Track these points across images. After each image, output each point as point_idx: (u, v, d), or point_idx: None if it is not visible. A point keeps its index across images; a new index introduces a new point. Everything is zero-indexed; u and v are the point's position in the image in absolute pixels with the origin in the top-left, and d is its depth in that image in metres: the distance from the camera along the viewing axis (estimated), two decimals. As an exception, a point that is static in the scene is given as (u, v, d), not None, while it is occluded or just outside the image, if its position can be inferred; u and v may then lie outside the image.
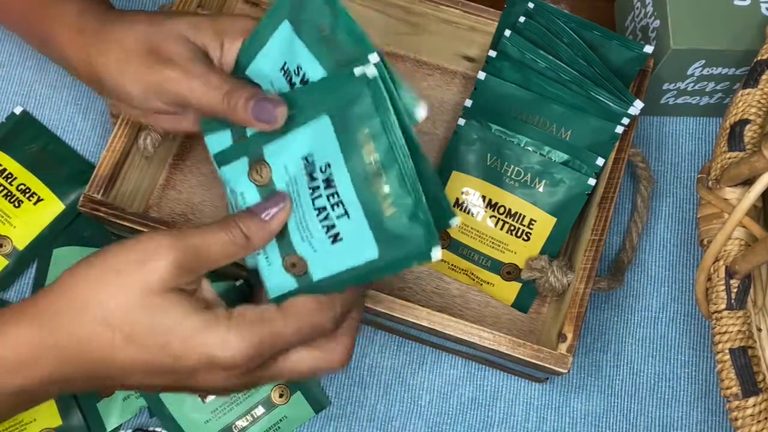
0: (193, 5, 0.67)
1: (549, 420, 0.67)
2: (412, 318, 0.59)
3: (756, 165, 0.53)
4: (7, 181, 0.69)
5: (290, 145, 0.49)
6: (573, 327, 0.60)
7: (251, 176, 0.51)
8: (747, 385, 0.53)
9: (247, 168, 0.52)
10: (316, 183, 0.48)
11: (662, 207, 0.72)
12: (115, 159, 0.63)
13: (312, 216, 0.48)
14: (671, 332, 0.69)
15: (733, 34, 0.66)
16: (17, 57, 0.73)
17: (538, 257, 0.64)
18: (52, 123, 0.72)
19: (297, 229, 0.49)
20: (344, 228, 0.47)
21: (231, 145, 0.53)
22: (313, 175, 0.48)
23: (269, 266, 0.51)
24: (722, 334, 0.54)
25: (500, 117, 0.65)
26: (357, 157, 0.46)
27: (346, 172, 0.46)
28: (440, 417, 0.67)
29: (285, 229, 0.50)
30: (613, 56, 0.66)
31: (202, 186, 0.70)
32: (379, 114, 0.45)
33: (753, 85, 0.59)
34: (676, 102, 0.72)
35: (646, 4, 0.70)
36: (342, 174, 0.46)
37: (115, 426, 0.64)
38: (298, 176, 0.49)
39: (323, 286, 0.48)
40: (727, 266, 0.55)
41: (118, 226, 0.62)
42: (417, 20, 0.71)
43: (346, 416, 0.66)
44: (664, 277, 0.70)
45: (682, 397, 0.68)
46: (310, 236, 0.48)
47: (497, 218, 0.65)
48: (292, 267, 0.49)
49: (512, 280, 0.66)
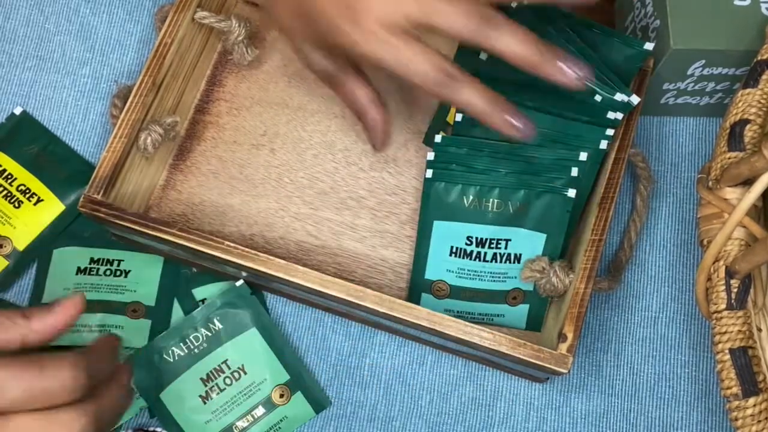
0: (193, 5, 0.68)
1: (549, 420, 0.67)
2: (412, 318, 0.60)
3: (756, 165, 0.53)
4: (7, 182, 0.69)
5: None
6: (573, 327, 0.60)
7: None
8: (747, 386, 0.53)
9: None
10: None
11: (662, 207, 0.72)
12: (115, 159, 0.63)
13: None
14: (671, 332, 0.69)
15: (733, 34, 0.66)
16: (17, 57, 0.74)
17: (537, 258, 0.64)
18: (52, 123, 0.72)
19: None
20: None
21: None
22: None
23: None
24: (722, 334, 0.54)
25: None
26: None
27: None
28: (440, 417, 0.67)
29: None
30: (613, 55, 0.66)
31: (202, 186, 0.70)
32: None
33: (753, 85, 0.59)
34: (676, 102, 0.72)
35: (646, 4, 0.70)
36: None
37: (116, 426, 0.64)
38: None
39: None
40: (727, 266, 0.55)
41: (119, 226, 0.62)
42: (417, 20, 0.71)
43: (346, 416, 0.66)
44: (664, 277, 0.70)
45: (682, 397, 0.68)
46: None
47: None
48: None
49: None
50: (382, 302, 0.60)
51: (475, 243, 0.64)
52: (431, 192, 0.64)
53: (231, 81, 0.73)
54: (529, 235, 0.64)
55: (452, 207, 0.64)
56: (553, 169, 0.64)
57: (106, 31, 0.75)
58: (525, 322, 0.67)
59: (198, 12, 0.68)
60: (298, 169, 0.70)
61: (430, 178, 0.64)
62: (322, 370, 0.67)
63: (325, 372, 0.67)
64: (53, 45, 0.74)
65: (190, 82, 0.70)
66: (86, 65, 0.74)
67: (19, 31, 0.74)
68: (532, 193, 0.63)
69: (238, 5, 0.75)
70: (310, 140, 0.71)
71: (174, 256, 0.67)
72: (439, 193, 0.64)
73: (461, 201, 0.64)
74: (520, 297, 0.66)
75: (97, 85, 0.73)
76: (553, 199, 0.63)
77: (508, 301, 0.66)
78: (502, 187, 0.63)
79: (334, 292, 0.60)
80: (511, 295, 0.66)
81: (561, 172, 0.63)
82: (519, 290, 0.66)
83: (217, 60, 0.73)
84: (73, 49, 0.74)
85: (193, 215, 0.69)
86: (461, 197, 0.64)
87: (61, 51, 0.74)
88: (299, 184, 0.70)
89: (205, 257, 0.62)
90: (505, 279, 0.65)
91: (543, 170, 0.64)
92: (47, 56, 0.74)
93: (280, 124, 0.72)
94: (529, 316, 0.67)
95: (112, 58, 0.74)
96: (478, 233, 0.64)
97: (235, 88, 0.72)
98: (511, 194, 0.63)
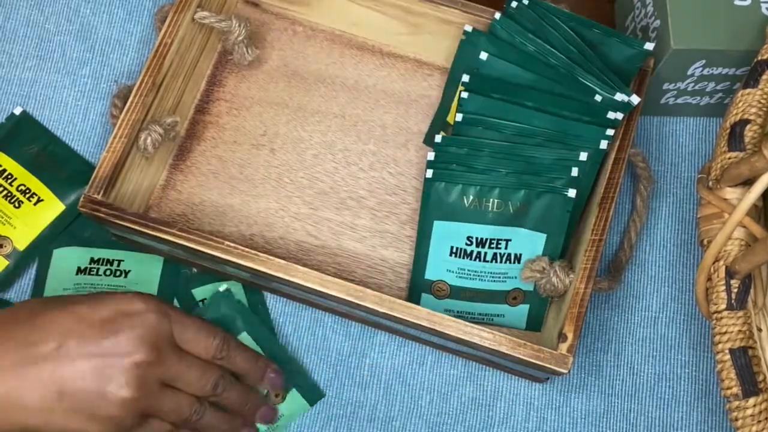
0: (193, 5, 0.68)
1: (549, 420, 0.67)
2: (412, 318, 0.60)
3: (756, 165, 0.53)
4: (7, 182, 0.69)
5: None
6: (573, 327, 0.60)
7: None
8: (747, 386, 0.53)
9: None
10: None
11: (662, 207, 0.72)
12: (115, 159, 0.63)
13: None
14: (671, 332, 0.69)
15: (733, 34, 0.66)
16: (17, 57, 0.74)
17: (538, 258, 0.64)
18: (52, 123, 0.72)
19: None
20: None
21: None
22: None
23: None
24: (722, 334, 0.54)
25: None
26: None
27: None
28: (440, 417, 0.67)
29: None
30: (613, 54, 0.66)
31: (202, 186, 0.70)
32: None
33: (753, 85, 0.59)
34: (676, 102, 0.72)
35: (646, 4, 0.70)
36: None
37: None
38: None
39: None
40: (727, 266, 0.55)
41: (119, 226, 0.62)
42: (417, 20, 0.71)
43: (346, 416, 0.66)
44: (664, 277, 0.70)
45: (682, 397, 0.68)
46: None
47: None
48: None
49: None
50: (382, 302, 0.60)
51: (475, 243, 0.64)
52: (431, 192, 0.64)
53: (231, 81, 0.73)
54: (529, 235, 0.64)
55: (452, 207, 0.64)
56: (553, 169, 0.64)
57: (106, 31, 0.75)
58: (525, 322, 0.67)
59: (198, 12, 0.68)
60: (298, 169, 0.70)
61: (430, 178, 0.64)
62: (322, 370, 0.67)
63: (325, 372, 0.67)
64: (53, 45, 0.74)
65: (190, 82, 0.70)
66: (86, 65, 0.74)
67: (19, 31, 0.74)
68: (532, 193, 0.63)
69: (238, 5, 0.75)
70: (310, 140, 0.71)
71: (174, 256, 0.67)
72: (439, 193, 0.64)
73: (461, 201, 0.64)
74: (520, 297, 0.66)
75: (97, 85, 0.73)
76: (553, 199, 0.63)
77: (508, 301, 0.66)
78: (503, 187, 0.63)
79: (334, 292, 0.60)
80: (511, 295, 0.66)
81: (561, 172, 0.63)
82: (519, 290, 0.66)
83: (217, 60, 0.73)
84: (73, 49, 0.74)
85: (193, 215, 0.69)
86: (461, 197, 0.64)
87: (61, 51, 0.74)
88: (299, 184, 0.70)
89: (205, 257, 0.62)
90: (505, 279, 0.65)
91: (543, 170, 0.64)
92: (47, 56, 0.74)
93: (280, 124, 0.72)
94: (529, 316, 0.67)
95: (112, 58, 0.74)
96: (478, 233, 0.64)
97: (235, 88, 0.72)
98: (511, 194, 0.63)
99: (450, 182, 0.64)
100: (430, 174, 0.64)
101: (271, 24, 0.74)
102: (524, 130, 0.64)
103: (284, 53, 0.74)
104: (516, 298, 0.66)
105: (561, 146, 0.64)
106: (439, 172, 0.64)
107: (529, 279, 0.64)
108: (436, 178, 0.64)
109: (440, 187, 0.64)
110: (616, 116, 0.64)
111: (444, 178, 0.64)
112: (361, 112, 0.72)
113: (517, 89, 0.65)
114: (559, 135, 0.64)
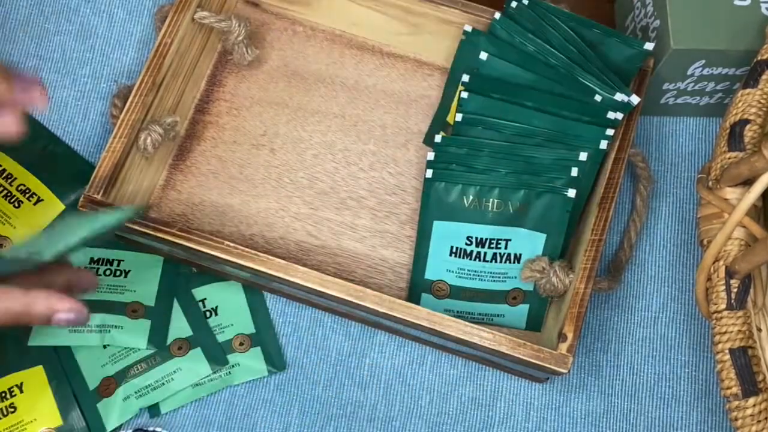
0: (193, 5, 0.68)
1: (549, 420, 0.67)
2: (412, 318, 0.60)
3: (756, 165, 0.53)
4: (7, 182, 0.69)
5: None
6: (573, 327, 0.60)
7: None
8: (747, 385, 0.53)
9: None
10: None
11: (662, 207, 0.72)
12: (115, 159, 0.63)
13: None
14: (671, 332, 0.69)
15: (733, 34, 0.66)
16: (17, 57, 0.74)
17: (538, 258, 0.64)
18: (52, 123, 0.72)
19: None
20: None
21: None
22: None
23: None
24: (722, 334, 0.54)
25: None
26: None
27: None
28: (440, 417, 0.67)
29: None
30: (613, 54, 0.66)
31: (202, 186, 0.70)
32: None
33: (753, 85, 0.59)
34: (676, 102, 0.72)
35: (646, 4, 0.70)
36: None
37: (115, 426, 0.64)
38: None
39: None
40: (727, 266, 0.55)
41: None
42: (417, 20, 0.71)
43: (346, 416, 0.66)
44: (664, 277, 0.70)
45: (682, 397, 0.68)
46: None
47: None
48: None
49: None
50: (382, 302, 0.60)
51: (475, 243, 0.64)
52: (431, 192, 0.64)
53: (231, 81, 0.73)
54: (529, 235, 0.64)
55: (452, 207, 0.64)
56: (553, 169, 0.64)
57: (106, 31, 0.75)
58: (525, 322, 0.67)
59: (198, 12, 0.68)
60: (298, 169, 0.70)
61: (430, 178, 0.64)
62: (322, 370, 0.67)
63: (325, 372, 0.67)
64: (53, 45, 0.74)
65: (190, 82, 0.70)
66: (86, 65, 0.74)
67: (19, 31, 0.74)
68: (532, 193, 0.63)
69: (238, 5, 0.75)
70: (310, 140, 0.71)
71: (174, 256, 0.67)
72: (439, 193, 0.64)
73: (461, 201, 0.64)
74: (520, 297, 0.66)
75: (97, 85, 0.73)
76: (553, 199, 0.63)
77: (508, 301, 0.66)
78: (502, 187, 0.63)
79: (334, 292, 0.60)
80: (511, 295, 0.66)
81: (561, 172, 0.63)
82: (519, 290, 0.66)
83: (217, 60, 0.73)
84: (73, 49, 0.74)
85: (193, 215, 0.69)
86: (461, 197, 0.64)
87: (61, 51, 0.74)
88: (299, 184, 0.70)
89: (205, 257, 0.62)
90: (505, 279, 0.65)
91: (543, 170, 0.64)
92: (47, 56, 0.74)
93: (280, 124, 0.72)
94: (529, 316, 0.67)
95: (112, 58, 0.74)
96: (478, 233, 0.64)
97: (235, 88, 0.72)
98: (511, 194, 0.63)
99: (450, 182, 0.64)
100: (429, 174, 0.64)
101: (271, 24, 0.74)
102: (524, 130, 0.64)
103: (284, 53, 0.74)
104: (516, 298, 0.66)
105: (561, 146, 0.64)
106: (438, 172, 0.64)
107: (529, 279, 0.64)
108: (435, 178, 0.64)
109: (440, 187, 0.64)
110: (615, 116, 0.64)
111: (444, 178, 0.64)
112: (361, 112, 0.72)
113: (517, 89, 0.65)
114: (558, 135, 0.64)
